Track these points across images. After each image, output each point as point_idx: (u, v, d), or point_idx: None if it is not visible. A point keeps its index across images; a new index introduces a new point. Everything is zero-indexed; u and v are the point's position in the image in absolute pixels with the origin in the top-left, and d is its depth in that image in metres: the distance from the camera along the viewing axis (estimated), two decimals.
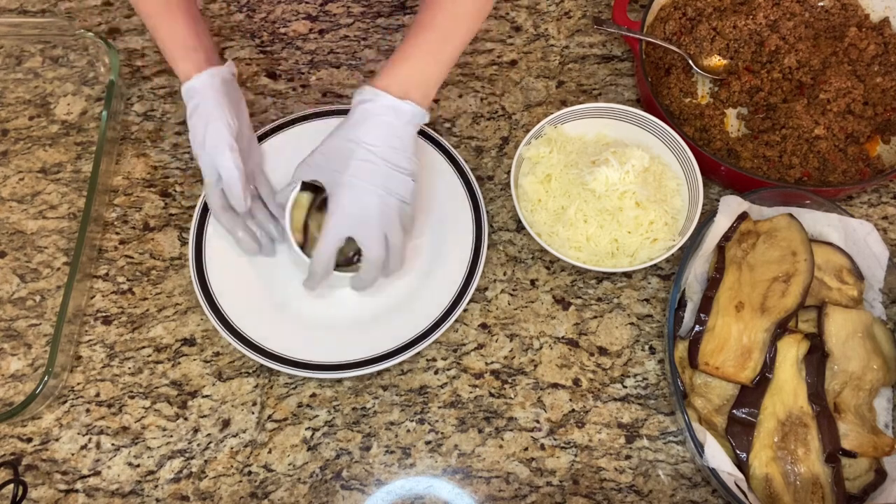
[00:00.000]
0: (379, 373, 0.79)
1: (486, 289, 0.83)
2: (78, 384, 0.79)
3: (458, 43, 0.73)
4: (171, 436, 0.77)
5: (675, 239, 0.80)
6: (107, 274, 0.84)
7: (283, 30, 1.00)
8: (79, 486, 0.74)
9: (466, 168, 0.86)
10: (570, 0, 1.02)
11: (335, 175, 0.71)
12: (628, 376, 0.79)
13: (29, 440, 0.76)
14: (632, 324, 0.82)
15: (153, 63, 0.97)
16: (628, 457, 0.75)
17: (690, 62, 0.92)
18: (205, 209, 0.84)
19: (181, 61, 0.75)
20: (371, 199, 0.70)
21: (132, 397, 0.78)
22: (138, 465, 0.75)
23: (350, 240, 0.72)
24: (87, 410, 0.78)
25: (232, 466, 0.75)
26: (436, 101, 0.94)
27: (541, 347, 0.80)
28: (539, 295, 0.83)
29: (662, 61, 0.95)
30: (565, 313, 0.82)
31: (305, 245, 0.77)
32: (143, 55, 0.98)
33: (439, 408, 0.78)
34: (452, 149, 0.87)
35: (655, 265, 0.84)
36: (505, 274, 0.84)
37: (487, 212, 0.86)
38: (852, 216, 0.79)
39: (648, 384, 0.79)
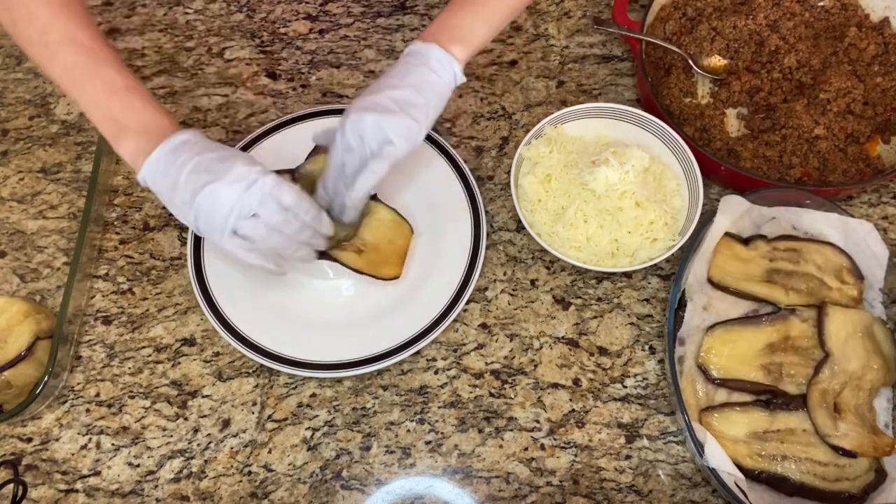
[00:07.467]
0: (379, 373, 0.79)
1: (486, 289, 0.83)
2: (78, 384, 0.79)
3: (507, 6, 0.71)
4: (171, 436, 0.76)
5: (675, 239, 0.80)
6: (107, 274, 0.84)
7: (283, 30, 1.00)
8: (79, 486, 0.74)
9: (465, 168, 0.86)
10: (570, 0, 1.02)
11: None
12: (628, 376, 0.79)
13: (29, 440, 0.76)
14: (632, 324, 0.82)
15: (153, 63, 0.97)
16: (628, 457, 0.75)
17: (690, 62, 0.92)
18: None
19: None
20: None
21: (132, 397, 0.78)
22: (138, 465, 0.75)
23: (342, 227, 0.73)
24: (87, 410, 0.78)
25: (232, 466, 0.75)
26: None
27: (541, 347, 0.80)
28: (539, 295, 0.83)
29: (662, 61, 0.95)
30: (565, 313, 0.82)
31: None
32: (143, 55, 0.98)
33: (439, 408, 0.77)
34: (451, 148, 0.87)
35: (655, 265, 0.84)
36: (505, 274, 0.84)
37: (487, 212, 0.86)
38: (852, 216, 0.79)
39: (648, 384, 0.79)
